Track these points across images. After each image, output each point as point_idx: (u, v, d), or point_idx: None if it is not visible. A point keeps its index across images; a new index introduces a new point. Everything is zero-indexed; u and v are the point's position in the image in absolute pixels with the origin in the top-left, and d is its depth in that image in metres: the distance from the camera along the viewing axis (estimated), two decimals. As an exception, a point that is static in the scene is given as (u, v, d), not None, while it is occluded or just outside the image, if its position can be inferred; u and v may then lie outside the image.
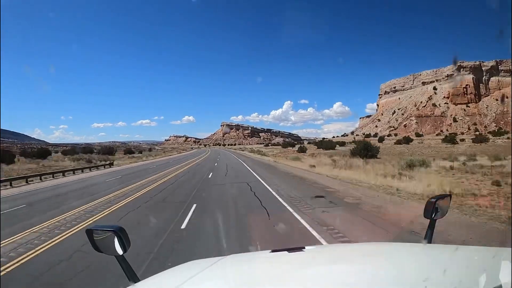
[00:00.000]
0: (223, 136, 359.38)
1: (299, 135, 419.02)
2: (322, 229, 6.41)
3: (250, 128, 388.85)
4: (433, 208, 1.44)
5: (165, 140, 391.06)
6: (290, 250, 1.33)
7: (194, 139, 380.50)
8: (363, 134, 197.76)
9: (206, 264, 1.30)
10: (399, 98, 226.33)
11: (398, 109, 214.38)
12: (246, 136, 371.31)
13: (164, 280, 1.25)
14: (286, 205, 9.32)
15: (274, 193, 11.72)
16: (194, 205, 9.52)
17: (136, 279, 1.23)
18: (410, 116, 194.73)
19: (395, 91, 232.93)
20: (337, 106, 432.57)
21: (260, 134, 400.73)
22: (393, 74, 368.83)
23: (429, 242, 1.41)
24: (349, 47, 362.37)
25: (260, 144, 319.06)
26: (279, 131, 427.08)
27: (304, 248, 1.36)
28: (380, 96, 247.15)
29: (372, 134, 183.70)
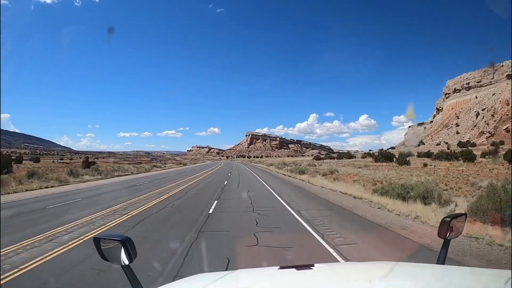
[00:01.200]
0: (248, 147, 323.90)
1: (330, 147, 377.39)
2: None
3: (278, 139, 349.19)
4: (448, 228, 1.37)
5: (188, 151, 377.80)
6: (298, 267, 1.27)
7: (217, 150, 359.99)
8: (440, 143, 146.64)
9: (213, 278, 1.26)
10: (476, 97, 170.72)
11: (482, 110, 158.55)
12: (274, 147, 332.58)
13: None
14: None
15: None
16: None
17: None
18: (507, 118, 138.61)
19: (468, 88, 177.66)
20: (363, 119, 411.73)
21: (289, 145, 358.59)
22: (423, 87, 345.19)
23: (443, 263, 1.34)
24: (375, 59, 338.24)
25: (291, 155, 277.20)
26: (310, 143, 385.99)
27: (313, 265, 1.30)
28: (447, 96, 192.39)
29: (451, 143, 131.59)
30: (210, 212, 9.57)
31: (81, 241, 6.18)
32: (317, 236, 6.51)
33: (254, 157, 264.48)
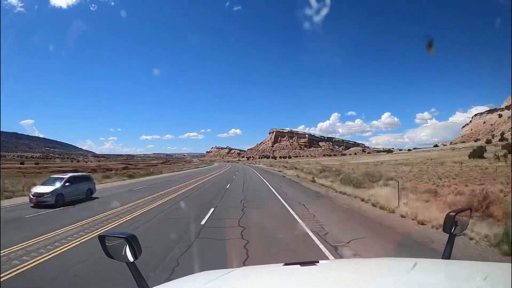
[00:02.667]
0: (272, 146, 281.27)
1: (365, 145, 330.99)
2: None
3: (307, 136, 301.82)
4: (453, 222, 1.36)
5: (207, 152, 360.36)
6: (303, 263, 1.27)
7: (238, 151, 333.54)
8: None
9: (216, 275, 1.26)
10: None
11: None
12: (302, 146, 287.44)
13: None
14: None
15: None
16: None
17: (145, 287, 1.23)
18: None
19: None
20: (385, 117, 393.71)
21: (320, 143, 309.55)
22: (447, 84, 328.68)
23: (448, 257, 1.34)
24: (398, 57, 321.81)
25: (327, 155, 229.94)
26: (343, 140, 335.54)
27: (317, 262, 1.30)
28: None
29: None
30: None
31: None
32: None
33: (280, 157, 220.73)
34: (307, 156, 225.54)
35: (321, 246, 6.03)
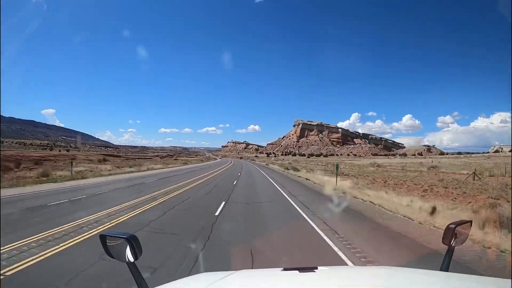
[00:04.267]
0: (297, 141, 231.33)
1: (403, 145, 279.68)
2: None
3: (340, 131, 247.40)
4: (452, 234, 1.35)
5: (222, 146, 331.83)
6: (301, 269, 1.28)
7: (256, 146, 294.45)
8: None
9: (215, 278, 1.27)
10: None
11: None
12: (334, 142, 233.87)
13: None
14: None
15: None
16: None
17: (145, 287, 1.23)
18: None
19: None
20: (406, 119, 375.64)
21: (355, 140, 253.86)
22: (469, 85, 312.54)
23: (446, 270, 1.33)
24: (422, 58, 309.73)
25: (375, 154, 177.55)
26: (381, 138, 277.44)
27: (316, 268, 1.31)
28: None
29: None
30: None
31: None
32: None
33: (310, 155, 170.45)
34: (348, 155, 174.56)
35: None
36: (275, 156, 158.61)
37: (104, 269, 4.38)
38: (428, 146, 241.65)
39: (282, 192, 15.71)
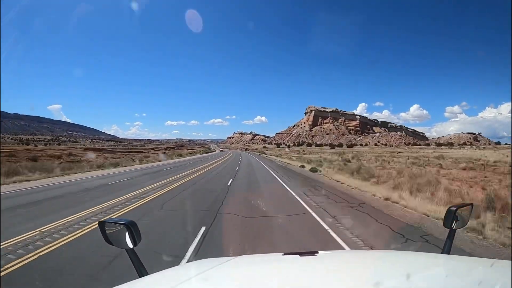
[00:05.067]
0: (310, 129, 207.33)
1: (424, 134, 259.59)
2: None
3: (358, 118, 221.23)
4: (453, 217, 1.36)
5: (228, 138, 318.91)
6: (302, 253, 1.28)
7: (263, 137, 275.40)
8: None
9: (216, 263, 1.27)
10: None
11: None
12: (352, 130, 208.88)
13: (172, 276, 1.22)
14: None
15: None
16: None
17: (144, 273, 1.23)
18: None
19: None
20: (414, 109, 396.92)
21: (374, 129, 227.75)
22: (477, 75, 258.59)
23: (448, 252, 1.34)
24: (430, 47, 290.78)
25: (406, 143, 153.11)
26: (401, 126, 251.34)
27: (317, 252, 1.31)
28: None
29: None
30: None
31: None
32: None
33: (324, 144, 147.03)
34: (376, 145, 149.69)
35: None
36: (288, 147, 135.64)
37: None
38: (474, 134, 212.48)
39: None
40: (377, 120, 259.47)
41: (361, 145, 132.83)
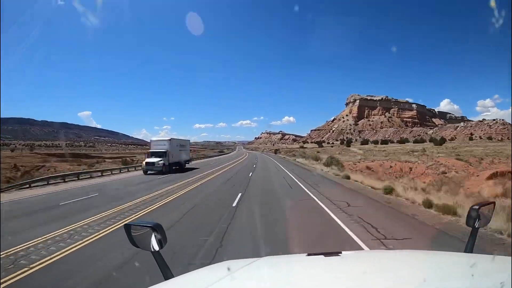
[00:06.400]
0: (355, 123, 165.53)
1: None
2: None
3: (414, 107, 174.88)
4: (476, 216, 1.34)
5: (255, 138, 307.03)
6: (326, 254, 1.28)
7: (293, 136, 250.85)
8: None
9: (242, 264, 1.26)
10: None
11: None
12: (409, 123, 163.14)
13: (198, 278, 1.23)
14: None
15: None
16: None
17: (170, 276, 1.23)
18: None
19: None
20: (444, 104, 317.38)
21: (434, 120, 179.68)
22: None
23: (471, 251, 1.32)
24: (459, 38, 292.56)
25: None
26: (462, 117, 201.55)
27: (340, 252, 1.31)
28: None
29: None
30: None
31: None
32: None
33: (384, 141, 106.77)
34: (471, 139, 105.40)
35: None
36: (347, 145, 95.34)
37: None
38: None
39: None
40: (434, 110, 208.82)
41: (442, 139, 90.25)
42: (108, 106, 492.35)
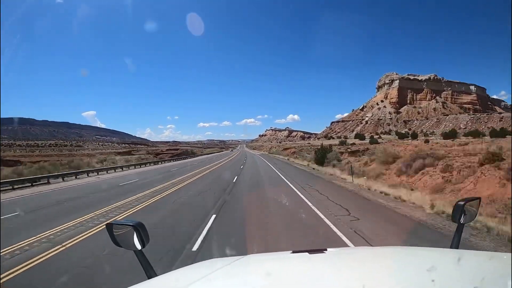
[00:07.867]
0: (396, 111, 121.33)
1: None
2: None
3: (474, 89, 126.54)
4: (461, 212, 1.34)
5: (260, 136, 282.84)
6: (311, 251, 1.28)
7: (301, 133, 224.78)
8: None
9: (225, 263, 1.26)
10: None
11: None
12: (469, 109, 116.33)
13: (180, 277, 1.21)
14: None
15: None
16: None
17: (153, 275, 1.22)
18: None
19: None
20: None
21: (496, 108, 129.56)
22: None
23: (457, 247, 1.32)
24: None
25: None
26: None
27: (325, 250, 1.31)
28: None
29: None
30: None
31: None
32: None
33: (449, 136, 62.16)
34: None
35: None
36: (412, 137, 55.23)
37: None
38: None
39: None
40: (488, 95, 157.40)
41: None
42: (112, 107, 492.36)
